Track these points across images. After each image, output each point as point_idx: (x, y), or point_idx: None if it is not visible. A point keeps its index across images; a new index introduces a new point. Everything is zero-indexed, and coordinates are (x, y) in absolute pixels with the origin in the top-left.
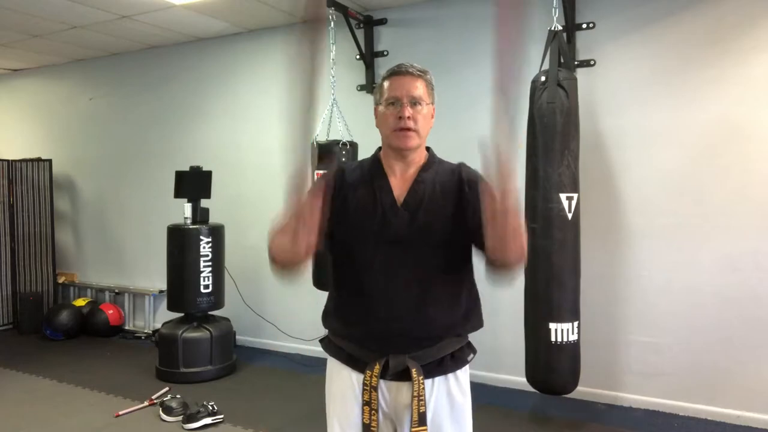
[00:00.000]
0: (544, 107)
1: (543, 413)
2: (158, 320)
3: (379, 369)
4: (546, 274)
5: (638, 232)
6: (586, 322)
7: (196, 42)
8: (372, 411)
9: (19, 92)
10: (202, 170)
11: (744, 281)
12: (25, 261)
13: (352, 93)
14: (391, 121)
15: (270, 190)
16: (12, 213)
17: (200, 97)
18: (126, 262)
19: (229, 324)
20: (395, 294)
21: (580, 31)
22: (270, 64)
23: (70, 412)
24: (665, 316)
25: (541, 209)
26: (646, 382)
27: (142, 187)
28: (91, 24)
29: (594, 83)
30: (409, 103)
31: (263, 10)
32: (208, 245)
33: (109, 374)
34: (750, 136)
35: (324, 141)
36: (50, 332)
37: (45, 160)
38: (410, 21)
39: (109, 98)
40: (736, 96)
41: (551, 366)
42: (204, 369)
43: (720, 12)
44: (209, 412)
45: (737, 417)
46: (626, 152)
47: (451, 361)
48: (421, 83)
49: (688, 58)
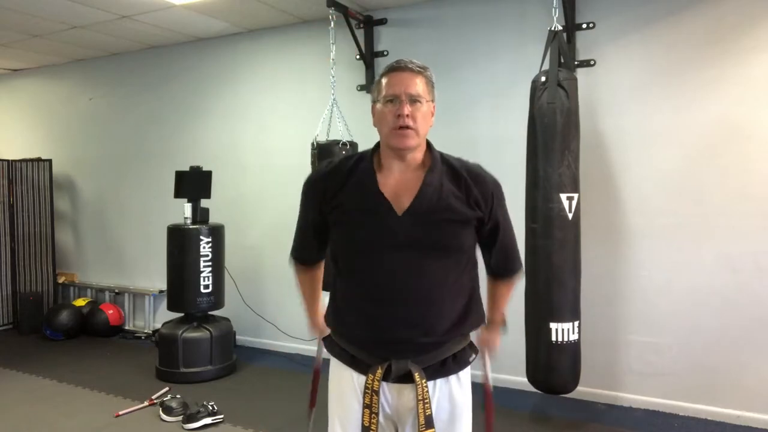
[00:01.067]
0: (544, 107)
1: (543, 413)
2: (158, 320)
3: (381, 372)
4: (546, 274)
5: (638, 232)
6: (586, 322)
7: (196, 42)
8: (372, 414)
9: (19, 92)
10: (202, 170)
11: (744, 281)
12: (25, 261)
13: (352, 93)
14: (390, 119)
15: (270, 190)
16: (12, 213)
17: (200, 97)
18: (126, 262)
19: (229, 324)
20: (397, 299)
21: (580, 31)
22: (270, 64)
23: (70, 412)
24: (665, 316)
25: (542, 209)
26: (646, 382)
27: (142, 187)
28: (91, 24)
29: (594, 83)
30: (408, 101)
31: (263, 10)
32: (208, 245)
33: (109, 374)
34: (750, 136)
35: (324, 141)
36: (50, 332)
37: (45, 160)
38: (410, 21)
39: (109, 98)
40: (736, 96)
41: (552, 366)
42: (204, 369)
43: (720, 12)
44: (209, 412)
45: (737, 417)
46: (626, 152)
47: (454, 362)
48: (420, 80)
49: (688, 58)
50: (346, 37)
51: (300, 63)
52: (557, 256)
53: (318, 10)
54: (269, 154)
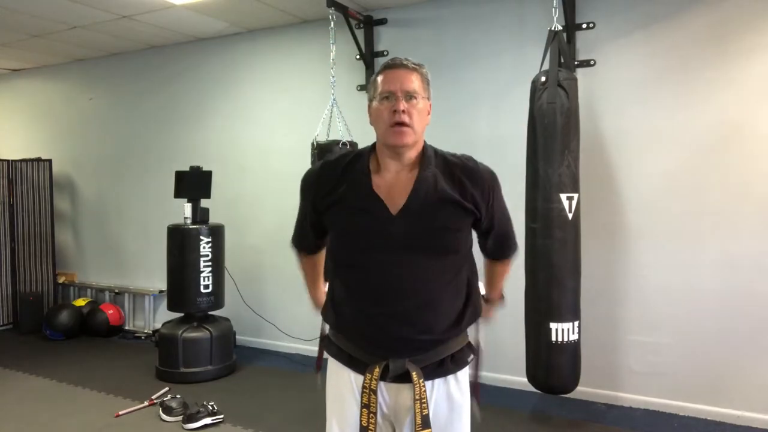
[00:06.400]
0: (544, 107)
1: (543, 413)
2: (158, 320)
3: (379, 372)
4: (546, 274)
5: (638, 232)
6: (586, 322)
7: (196, 42)
8: (370, 414)
9: (19, 92)
10: (202, 170)
11: (744, 281)
12: (25, 261)
13: (352, 93)
14: (386, 116)
15: (270, 190)
16: (12, 213)
17: (200, 97)
18: (126, 262)
19: (229, 324)
20: (394, 298)
21: (580, 31)
22: (270, 64)
23: (70, 412)
24: (665, 316)
25: (542, 209)
26: (646, 382)
27: (142, 187)
28: (91, 24)
29: (594, 83)
30: (404, 97)
31: (263, 10)
32: (208, 245)
33: (109, 374)
34: (750, 136)
35: (324, 141)
36: (50, 332)
37: (45, 160)
38: (410, 21)
39: (109, 98)
40: (737, 96)
41: (552, 366)
42: (204, 369)
43: (720, 12)
44: (209, 412)
45: (737, 417)
46: (626, 152)
47: (452, 362)
48: (416, 77)
49: (688, 58)
50: (346, 37)
51: (300, 63)
52: (557, 256)
53: (318, 10)
54: (269, 154)
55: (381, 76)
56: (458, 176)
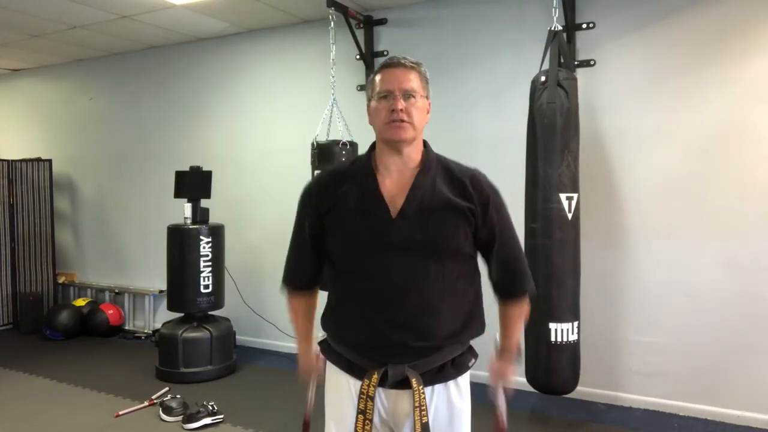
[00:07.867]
0: (544, 107)
1: (543, 413)
2: (158, 320)
3: (377, 378)
4: (546, 274)
5: (638, 232)
6: (586, 322)
7: (196, 42)
8: (366, 420)
9: (19, 92)
10: (202, 170)
11: (744, 281)
12: (25, 261)
13: (352, 93)
14: (384, 114)
15: (270, 190)
16: (12, 213)
17: (200, 97)
18: (126, 262)
19: (229, 324)
20: (394, 303)
21: (580, 31)
22: (270, 64)
23: (70, 412)
24: (665, 316)
25: (541, 209)
26: (646, 382)
27: (142, 187)
28: (91, 24)
29: (594, 83)
30: (402, 96)
31: (263, 10)
32: (208, 245)
33: (109, 374)
34: (750, 136)
35: (324, 141)
36: (50, 332)
37: (45, 160)
38: (410, 21)
39: (109, 98)
40: (736, 96)
41: (551, 366)
42: (204, 369)
43: (720, 12)
44: (209, 412)
45: (737, 417)
46: (626, 152)
47: (452, 367)
48: (414, 75)
49: (688, 58)
50: (346, 37)
51: (300, 63)
52: (557, 256)
53: (318, 10)
54: (269, 154)
55: (379, 75)
56: (458, 179)
